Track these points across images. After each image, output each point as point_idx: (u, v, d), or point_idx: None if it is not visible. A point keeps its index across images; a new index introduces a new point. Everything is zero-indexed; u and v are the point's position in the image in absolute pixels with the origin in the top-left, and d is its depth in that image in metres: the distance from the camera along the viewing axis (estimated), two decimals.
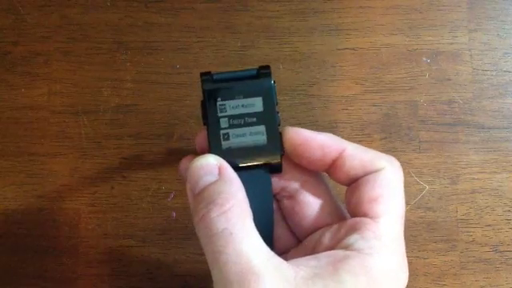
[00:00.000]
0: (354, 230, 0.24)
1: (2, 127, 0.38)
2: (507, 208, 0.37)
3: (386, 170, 0.25)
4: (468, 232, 0.37)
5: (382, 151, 0.24)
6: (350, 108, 0.38)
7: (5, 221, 0.37)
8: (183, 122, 0.37)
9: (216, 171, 0.23)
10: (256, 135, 0.25)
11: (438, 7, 0.39)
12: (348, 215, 0.26)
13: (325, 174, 0.27)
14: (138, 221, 0.37)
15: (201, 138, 0.26)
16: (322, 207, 0.26)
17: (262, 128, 0.25)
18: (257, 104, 0.25)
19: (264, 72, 0.25)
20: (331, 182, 0.27)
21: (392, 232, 0.24)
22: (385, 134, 0.37)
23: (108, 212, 0.37)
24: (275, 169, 0.25)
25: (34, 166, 0.37)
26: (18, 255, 0.37)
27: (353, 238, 0.23)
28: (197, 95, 0.38)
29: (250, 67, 0.26)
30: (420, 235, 0.37)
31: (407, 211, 0.36)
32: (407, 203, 0.37)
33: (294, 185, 0.26)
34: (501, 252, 0.37)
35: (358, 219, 0.24)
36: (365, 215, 0.24)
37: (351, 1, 0.38)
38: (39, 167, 0.37)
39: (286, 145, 0.25)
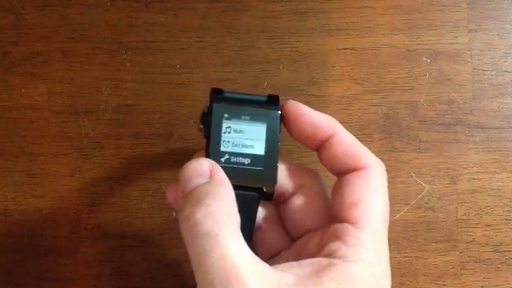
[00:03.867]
0: (336, 236, 0.23)
1: (2, 127, 0.38)
2: (507, 208, 0.37)
3: (368, 170, 0.24)
4: (468, 232, 0.37)
5: (382, 151, 0.24)
6: (350, 108, 0.38)
7: (5, 221, 0.37)
8: (183, 122, 0.37)
9: (208, 174, 0.23)
10: (254, 159, 0.25)
11: (437, 7, 0.39)
12: None
13: (322, 178, 0.27)
14: (137, 221, 0.37)
15: (171, 191, 0.26)
16: (316, 211, 0.26)
17: (261, 154, 0.25)
18: (260, 130, 0.25)
19: (273, 101, 0.26)
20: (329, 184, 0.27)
21: (375, 238, 0.23)
22: (385, 134, 0.37)
23: (108, 212, 0.37)
24: (266, 196, 0.26)
25: (34, 165, 0.37)
26: (18, 255, 0.37)
27: (335, 245, 0.23)
28: (197, 95, 0.38)
29: (260, 94, 0.26)
30: (420, 235, 0.37)
31: (407, 211, 0.36)
32: (407, 203, 0.37)
33: (290, 190, 0.26)
34: (501, 252, 0.37)
35: (339, 225, 0.24)
36: (346, 221, 0.24)
37: (351, 1, 0.38)
38: (39, 167, 0.37)
39: (284, 116, 0.25)
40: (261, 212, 0.27)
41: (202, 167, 0.23)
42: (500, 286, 0.36)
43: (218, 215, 0.21)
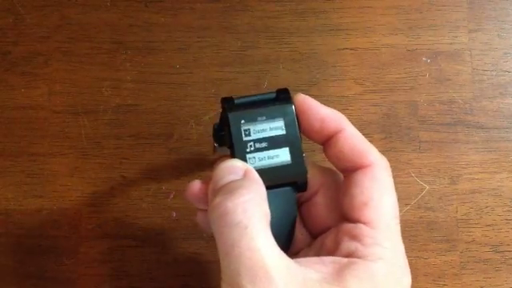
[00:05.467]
0: (352, 236, 0.24)
1: (2, 127, 0.38)
2: (507, 208, 0.37)
3: (373, 167, 0.25)
4: (468, 232, 0.37)
5: (381, 151, 0.24)
6: (350, 108, 0.38)
7: (5, 221, 0.37)
8: (183, 122, 0.37)
9: (241, 172, 0.23)
10: (281, 156, 0.25)
11: (437, 7, 0.39)
12: None
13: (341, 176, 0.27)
14: (137, 221, 0.37)
15: (195, 189, 0.25)
16: (336, 208, 0.26)
17: (286, 149, 0.25)
18: (279, 127, 0.25)
19: (283, 95, 0.26)
20: None
21: (390, 235, 0.24)
22: (385, 134, 0.37)
23: (108, 212, 0.37)
24: (301, 186, 0.26)
25: (34, 165, 0.37)
26: (18, 255, 0.37)
27: (353, 246, 0.23)
28: (197, 95, 0.38)
29: (267, 91, 0.26)
30: (420, 235, 0.37)
31: (407, 211, 0.36)
32: (407, 203, 0.37)
33: (312, 188, 0.26)
34: (501, 252, 0.37)
35: (353, 226, 0.24)
36: (359, 221, 0.24)
37: (351, 1, 0.38)
38: (39, 167, 0.37)
39: None
40: None
41: (237, 166, 0.24)
42: (500, 286, 0.36)
43: (248, 206, 0.21)
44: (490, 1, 0.39)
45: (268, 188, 0.24)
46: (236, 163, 0.24)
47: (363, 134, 0.25)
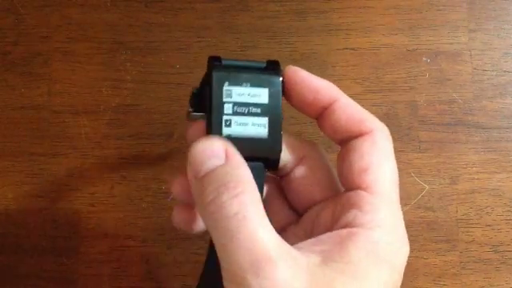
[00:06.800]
0: (350, 205, 0.23)
1: (2, 127, 0.38)
2: (507, 208, 0.37)
3: (373, 134, 0.24)
4: (468, 232, 0.37)
5: None
6: None
7: (5, 221, 0.37)
8: (183, 122, 0.37)
9: (222, 154, 0.22)
10: (258, 127, 0.24)
11: (437, 7, 0.39)
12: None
13: (322, 149, 0.26)
14: (137, 221, 0.37)
15: (195, 130, 0.24)
16: (319, 182, 0.25)
17: (264, 120, 0.24)
18: (262, 95, 0.24)
19: (273, 66, 0.25)
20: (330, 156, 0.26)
21: (389, 202, 0.23)
22: None
23: (108, 212, 0.37)
24: (272, 164, 0.25)
25: (34, 165, 0.37)
26: (18, 255, 0.37)
27: (352, 214, 0.22)
28: None
29: (258, 60, 0.25)
30: (420, 235, 0.37)
31: (407, 211, 0.36)
32: (407, 203, 0.37)
33: (292, 162, 0.25)
34: (501, 252, 0.37)
35: (352, 193, 0.23)
36: (358, 187, 0.23)
37: (351, 1, 0.38)
38: (39, 167, 0.37)
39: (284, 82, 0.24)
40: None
41: (215, 147, 0.22)
42: (500, 285, 0.36)
43: (243, 197, 0.20)
44: (490, 1, 0.39)
45: None
46: (213, 144, 0.22)
47: None
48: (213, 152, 0.21)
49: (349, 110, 0.24)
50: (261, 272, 0.19)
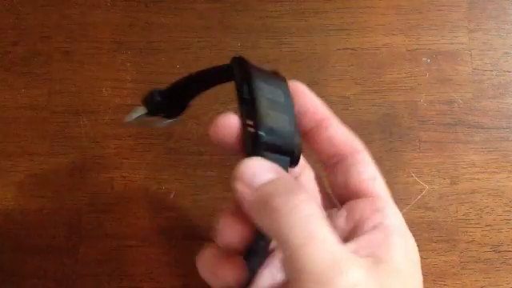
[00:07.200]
0: (373, 210, 0.24)
1: (2, 127, 0.38)
2: (507, 208, 0.37)
3: (364, 152, 0.25)
4: (468, 232, 0.37)
5: (382, 151, 0.25)
6: (350, 108, 0.38)
7: (5, 221, 0.37)
8: (183, 122, 0.37)
9: (274, 170, 0.22)
10: (285, 123, 0.24)
11: (437, 7, 0.39)
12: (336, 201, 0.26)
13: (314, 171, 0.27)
14: (137, 221, 0.37)
15: (225, 126, 0.24)
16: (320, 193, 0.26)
17: (287, 117, 0.25)
18: (281, 95, 0.25)
19: (276, 74, 0.26)
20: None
21: (393, 205, 0.24)
22: (385, 134, 0.37)
23: (108, 212, 0.37)
24: (295, 159, 0.25)
25: (34, 166, 0.37)
26: (18, 255, 0.37)
27: (377, 218, 0.23)
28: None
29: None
30: (420, 235, 0.37)
31: (407, 211, 0.37)
32: (407, 203, 0.37)
33: (298, 169, 0.27)
34: (501, 252, 0.37)
35: (368, 199, 0.24)
36: (369, 195, 0.24)
37: (351, 1, 0.38)
38: (39, 167, 0.37)
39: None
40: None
41: (266, 165, 0.22)
42: (500, 286, 0.36)
43: (311, 200, 0.21)
44: (490, 1, 0.39)
45: (270, 151, 0.23)
46: (263, 163, 0.22)
47: (363, 134, 0.25)
48: (265, 167, 0.22)
49: (342, 128, 0.26)
50: (335, 276, 0.19)
